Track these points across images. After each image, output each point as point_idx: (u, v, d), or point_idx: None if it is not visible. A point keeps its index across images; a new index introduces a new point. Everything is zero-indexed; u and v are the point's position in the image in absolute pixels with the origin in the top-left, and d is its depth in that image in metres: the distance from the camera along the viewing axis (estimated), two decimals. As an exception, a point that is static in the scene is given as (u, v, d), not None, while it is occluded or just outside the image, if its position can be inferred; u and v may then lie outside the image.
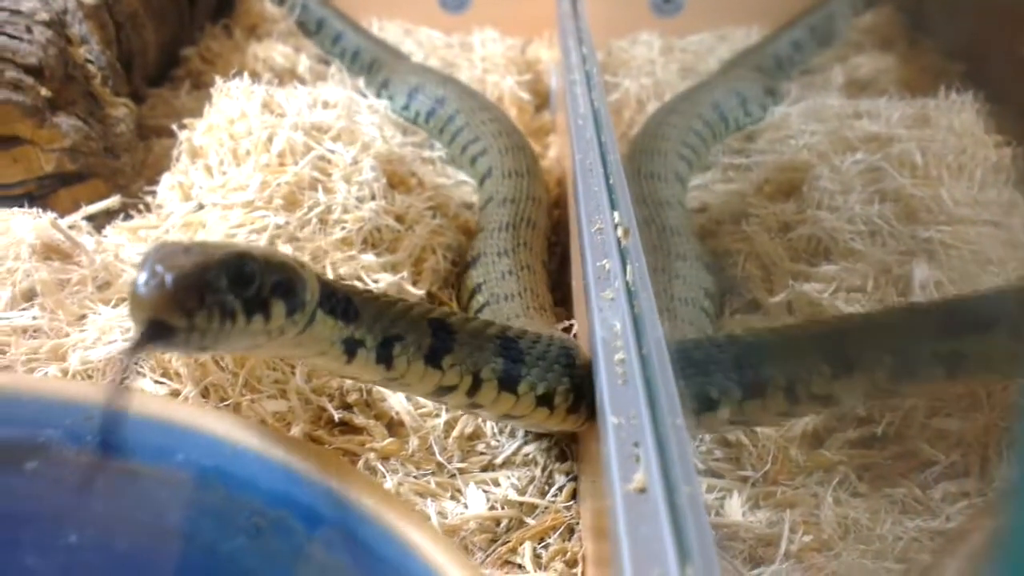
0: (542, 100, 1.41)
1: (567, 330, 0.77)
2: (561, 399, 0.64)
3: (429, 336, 0.61)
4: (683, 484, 0.42)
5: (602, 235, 0.66)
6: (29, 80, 0.96)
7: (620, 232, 0.64)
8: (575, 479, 0.72)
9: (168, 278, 0.49)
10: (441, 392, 0.64)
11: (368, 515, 0.43)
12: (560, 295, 0.90)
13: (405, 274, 0.86)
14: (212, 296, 0.50)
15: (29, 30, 0.99)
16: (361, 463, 0.71)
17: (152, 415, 0.47)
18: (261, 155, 0.88)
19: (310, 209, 0.85)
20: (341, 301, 0.59)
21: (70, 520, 0.41)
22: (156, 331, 0.48)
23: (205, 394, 0.69)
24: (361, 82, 1.23)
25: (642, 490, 0.43)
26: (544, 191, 1.02)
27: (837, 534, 0.63)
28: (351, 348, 0.59)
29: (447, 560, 0.42)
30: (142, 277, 0.49)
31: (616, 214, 0.66)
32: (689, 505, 0.40)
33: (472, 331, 0.64)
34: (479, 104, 1.16)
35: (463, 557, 0.41)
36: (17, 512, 0.39)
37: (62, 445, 0.44)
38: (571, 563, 0.66)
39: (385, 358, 0.60)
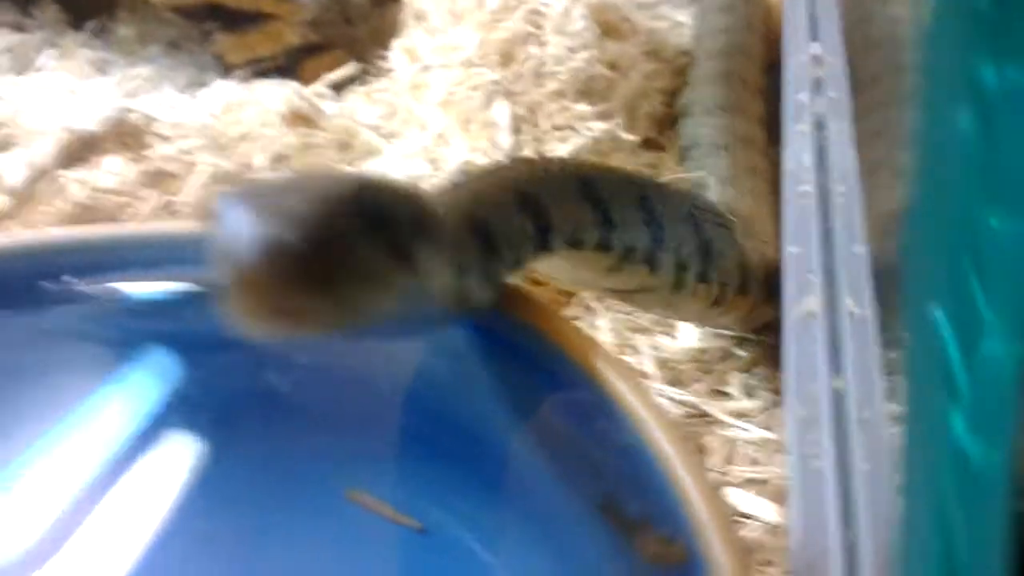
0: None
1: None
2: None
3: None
4: (855, 307, 0.44)
5: (801, 67, 0.66)
6: (271, -41, 1.04)
7: (816, 64, 0.63)
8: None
9: (287, 236, 0.34)
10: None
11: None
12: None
13: (619, 121, 0.88)
14: (352, 251, 0.37)
15: (270, -93, 1.07)
16: (576, 301, 0.75)
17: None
18: (476, 13, 0.91)
19: (524, 63, 0.88)
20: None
21: (302, 345, 0.49)
22: (282, 322, 0.35)
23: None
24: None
25: (811, 314, 0.45)
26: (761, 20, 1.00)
27: None
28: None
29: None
30: (241, 243, 0.34)
31: (815, 45, 0.65)
32: (852, 327, 0.41)
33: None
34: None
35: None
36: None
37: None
38: (779, 391, 0.69)
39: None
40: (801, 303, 0.45)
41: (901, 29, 0.90)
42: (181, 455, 0.48)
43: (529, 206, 0.48)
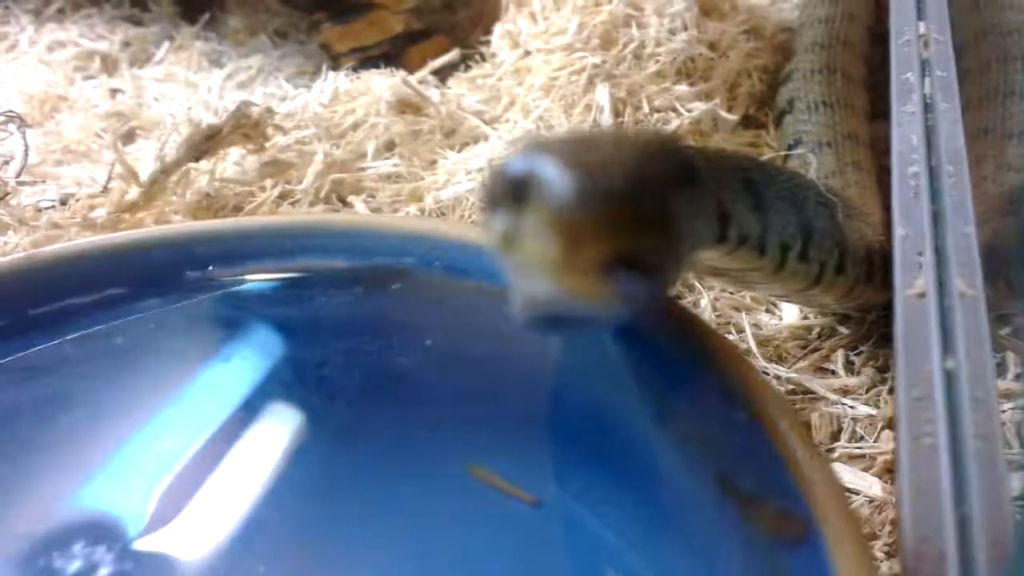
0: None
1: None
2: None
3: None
4: (967, 288, 0.45)
5: (908, 47, 0.66)
6: (375, -50, 1.07)
7: (923, 44, 0.63)
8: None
9: (610, 183, 0.35)
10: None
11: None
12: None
13: (719, 100, 0.89)
14: (673, 201, 0.37)
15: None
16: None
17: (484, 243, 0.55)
18: (577, -2, 0.93)
19: (625, 46, 0.90)
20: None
21: (426, 329, 0.51)
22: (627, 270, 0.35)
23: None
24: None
25: (922, 295, 0.46)
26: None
27: None
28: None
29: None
30: (556, 193, 0.34)
31: (922, 24, 0.65)
32: (962, 307, 0.42)
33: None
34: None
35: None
36: (387, 323, 0.49)
37: (418, 270, 0.54)
38: (882, 368, 0.69)
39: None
40: (911, 284, 0.46)
41: (1011, 16, 0.89)
42: (313, 432, 0.51)
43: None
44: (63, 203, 0.80)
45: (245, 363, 0.51)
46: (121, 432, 0.48)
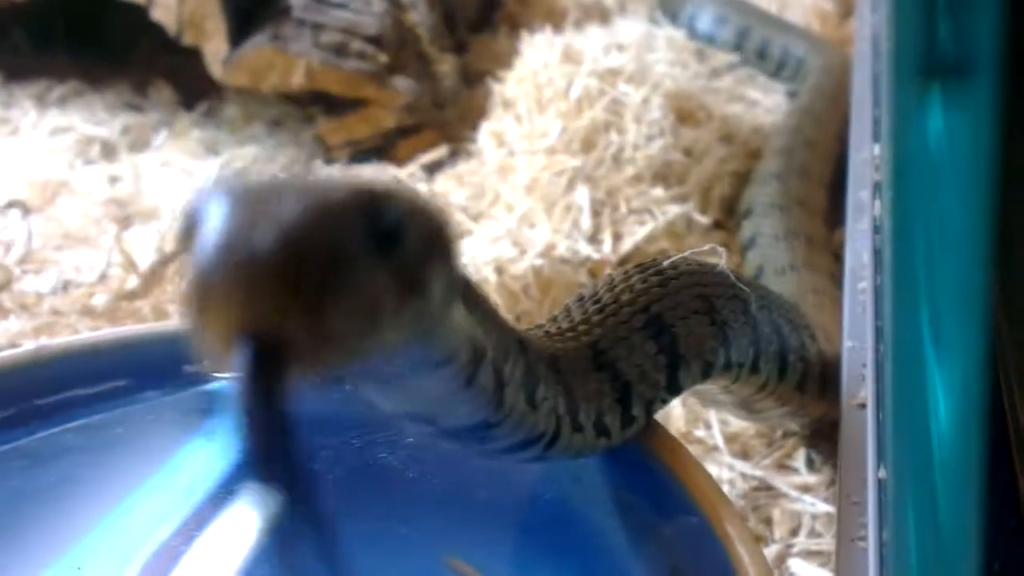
0: (846, 8, 1.40)
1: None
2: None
3: None
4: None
5: (863, 166, 0.71)
6: (371, 49, 1.13)
7: (876, 165, 0.68)
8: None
9: (271, 245, 0.28)
10: None
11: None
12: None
13: (692, 204, 0.94)
14: (353, 272, 0.30)
15: (368, 3, 1.16)
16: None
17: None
18: (560, 103, 0.98)
19: (604, 150, 0.95)
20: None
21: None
22: (266, 358, 0.28)
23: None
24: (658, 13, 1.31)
25: (862, 406, 0.50)
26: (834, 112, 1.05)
27: None
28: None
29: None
30: (217, 247, 0.29)
31: (876, 147, 0.70)
32: (893, 418, 0.46)
33: None
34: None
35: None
36: (374, 421, 0.52)
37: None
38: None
39: None
40: (854, 395, 0.50)
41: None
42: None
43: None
44: (64, 289, 0.84)
45: (232, 453, 0.54)
46: (115, 515, 0.51)
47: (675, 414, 0.75)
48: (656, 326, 0.50)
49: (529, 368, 0.44)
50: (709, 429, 0.75)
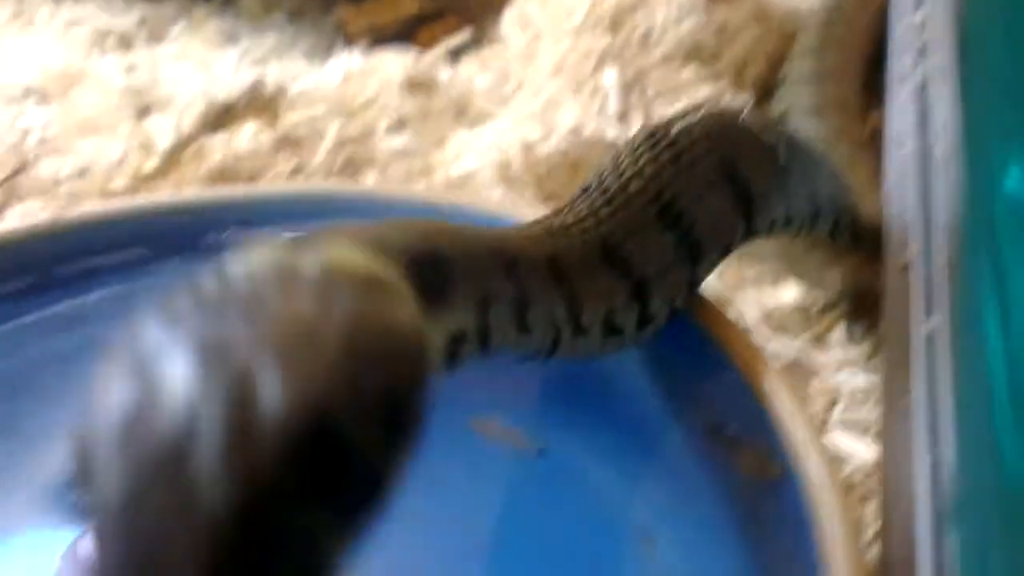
0: None
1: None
2: None
3: None
4: (948, 262, 0.47)
5: (907, 31, 0.68)
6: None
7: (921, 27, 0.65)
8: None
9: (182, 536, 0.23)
10: None
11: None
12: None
13: (724, 84, 0.91)
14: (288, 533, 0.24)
15: None
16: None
17: (491, 211, 0.58)
18: (587, -19, 0.95)
19: (633, 30, 0.92)
20: None
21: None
22: None
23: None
24: None
25: (908, 266, 0.48)
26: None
27: None
28: None
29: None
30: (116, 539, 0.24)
31: (919, 13, 0.67)
32: (945, 279, 0.44)
33: None
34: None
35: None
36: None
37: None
38: (880, 340, 0.71)
39: None
40: (900, 257, 0.48)
41: None
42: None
43: None
44: (81, 175, 0.82)
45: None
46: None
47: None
48: (671, 215, 0.46)
49: (520, 300, 0.41)
50: (744, 305, 0.73)
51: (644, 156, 0.46)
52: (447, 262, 0.37)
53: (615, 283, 0.44)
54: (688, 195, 0.46)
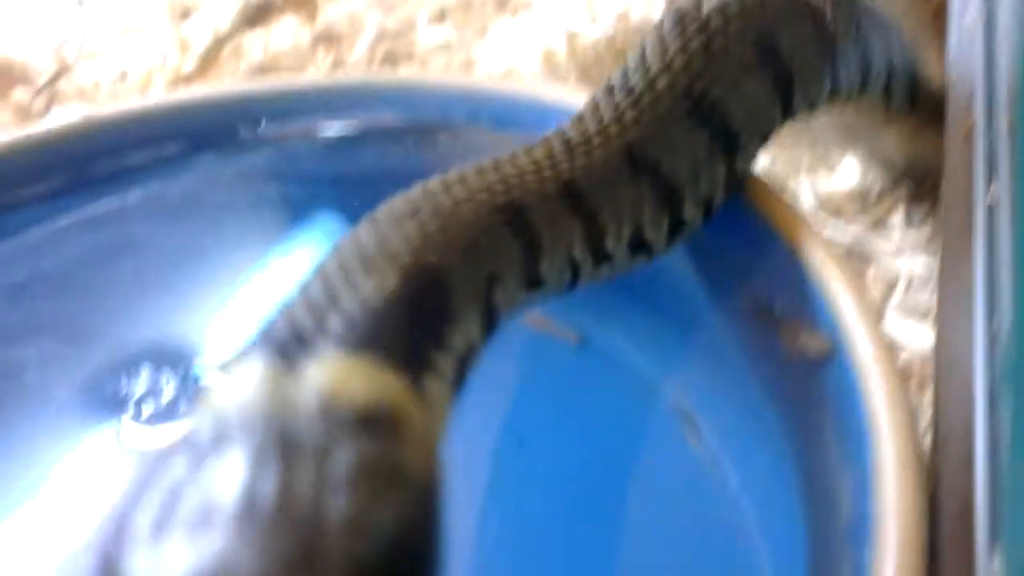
0: None
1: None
2: None
3: None
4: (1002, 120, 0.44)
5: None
6: None
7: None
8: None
9: None
10: None
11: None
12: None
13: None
14: None
15: None
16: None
17: (530, 95, 0.56)
18: None
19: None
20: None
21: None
22: None
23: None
24: None
25: (969, 131, 0.45)
26: None
27: None
28: None
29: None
30: None
31: None
32: (1000, 137, 0.42)
33: None
34: None
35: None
36: (433, 173, 0.50)
37: (465, 123, 0.55)
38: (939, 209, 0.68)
39: None
40: (963, 121, 0.45)
41: None
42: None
43: None
44: (121, 78, 0.82)
45: (295, 212, 0.53)
46: (179, 273, 0.51)
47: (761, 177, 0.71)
48: (703, 108, 0.42)
49: (529, 260, 0.38)
50: (798, 190, 0.71)
51: (672, 47, 0.42)
52: (445, 272, 0.35)
53: (642, 193, 0.40)
54: (723, 84, 0.42)
